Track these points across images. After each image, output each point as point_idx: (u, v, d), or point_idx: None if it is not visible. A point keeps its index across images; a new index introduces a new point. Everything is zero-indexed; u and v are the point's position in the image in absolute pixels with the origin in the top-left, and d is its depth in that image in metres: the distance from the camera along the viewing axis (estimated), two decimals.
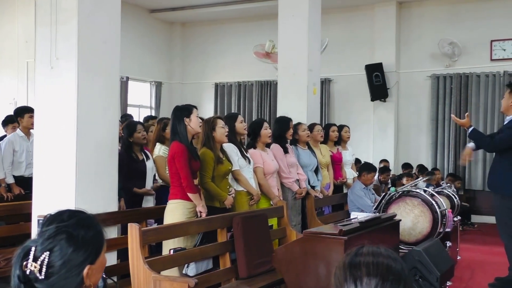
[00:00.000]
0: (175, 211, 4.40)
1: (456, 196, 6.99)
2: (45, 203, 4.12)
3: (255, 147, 5.52)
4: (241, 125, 5.26)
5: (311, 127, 6.54)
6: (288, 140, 6.06)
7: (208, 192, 4.73)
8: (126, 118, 7.04)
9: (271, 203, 5.44)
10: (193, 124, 4.52)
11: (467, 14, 10.26)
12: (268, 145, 5.72)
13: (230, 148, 5.09)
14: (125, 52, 6.42)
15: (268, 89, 11.78)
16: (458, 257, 6.52)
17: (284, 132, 5.93)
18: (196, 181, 4.55)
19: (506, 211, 5.20)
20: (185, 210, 4.41)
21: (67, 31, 4.12)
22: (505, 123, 5.42)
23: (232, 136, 5.15)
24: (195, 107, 4.67)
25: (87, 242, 1.57)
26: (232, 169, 4.99)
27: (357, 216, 4.85)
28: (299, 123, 6.30)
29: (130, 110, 11.18)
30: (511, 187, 5.15)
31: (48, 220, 1.59)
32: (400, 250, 5.04)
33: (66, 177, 4.09)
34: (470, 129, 5.39)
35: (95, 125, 4.23)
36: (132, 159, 5.36)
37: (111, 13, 4.40)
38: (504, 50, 9.93)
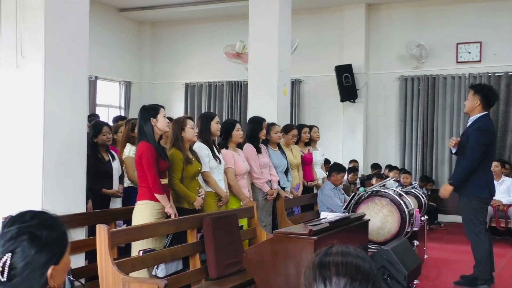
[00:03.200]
0: (144, 212, 4.34)
1: (423, 196, 7.10)
2: (10, 205, 4.02)
3: (227, 147, 5.50)
4: (216, 126, 5.21)
5: (288, 129, 6.54)
6: (261, 140, 6.05)
7: (176, 193, 4.68)
8: (92, 118, 6.94)
9: (242, 204, 5.43)
10: (160, 124, 4.44)
11: (434, 17, 10.46)
12: (240, 146, 5.71)
13: (202, 149, 5.06)
14: (93, 51, 6.32)
15: (238, 89, 11.77)
16: (425, 256, 6.62)
17: (257, 132, 5.92)
18: (165, 181, 4.50)
19: (471, 211, 5.38)
20: (153, 211, 4.35)
21: (33, 29, 4.04)
22: (468, 123, 5.53)
23: (207, 136, 5.12)
24: (162, 106, 4.57)
25: (50, 243, 1.53)
26: (202, 171, 4.96)
27: (327, 216, 4.87)
28: (272, 124, 6.29)
29: (98, 110, 11.02)
30: (474, 189, 5.33)
31: (10, 221, 1.56)
32: (369, 250, 5.09)
33: (33, 178, 4.01)
34: (452, 182, 5.47)
35: (62, 125, 4.15)
36: (98, 159, 5.31)
37: (79, 11, 4.33)
38: (469, 52, 10.15)
